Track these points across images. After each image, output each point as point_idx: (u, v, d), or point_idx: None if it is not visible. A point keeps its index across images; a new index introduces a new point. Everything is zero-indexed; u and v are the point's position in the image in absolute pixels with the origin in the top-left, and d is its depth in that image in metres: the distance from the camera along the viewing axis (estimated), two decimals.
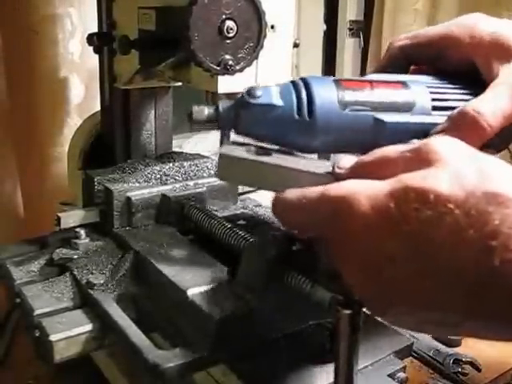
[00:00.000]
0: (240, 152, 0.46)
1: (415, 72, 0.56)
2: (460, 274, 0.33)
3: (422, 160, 0.35)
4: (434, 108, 0.51)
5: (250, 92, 0.47)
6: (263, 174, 0.44)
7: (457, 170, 0.34)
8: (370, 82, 0.50)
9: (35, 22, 0.96)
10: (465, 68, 0.53)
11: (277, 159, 0.45)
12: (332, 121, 0.47)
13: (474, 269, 0.33)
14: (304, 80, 0.48)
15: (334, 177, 0.40)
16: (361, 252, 0.36)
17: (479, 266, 0.32)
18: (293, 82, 0.48)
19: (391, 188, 0.35)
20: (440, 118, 0.50)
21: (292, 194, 0.40)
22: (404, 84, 0.51)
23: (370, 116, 0.48)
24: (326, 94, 0.47)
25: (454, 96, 0.51)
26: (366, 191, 0.35)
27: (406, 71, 0.56)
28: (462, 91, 0.52)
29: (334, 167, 0.41)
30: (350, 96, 0.48)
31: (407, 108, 0.50)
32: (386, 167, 0.37)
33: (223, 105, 0.48)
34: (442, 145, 0.36)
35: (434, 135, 0.49)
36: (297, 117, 0.47)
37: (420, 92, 0.51)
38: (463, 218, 0.33)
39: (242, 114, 0.47)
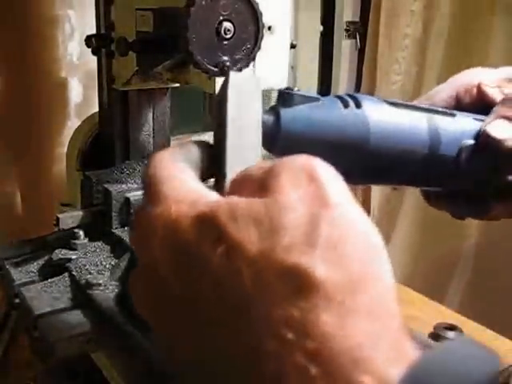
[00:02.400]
0: None
1: None
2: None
3: (262, 185, 0.27)
4: None
5: None
6: None
7: (276, 219, 0.25)
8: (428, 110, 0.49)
9: (34, 24, 0.96)
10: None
11: None
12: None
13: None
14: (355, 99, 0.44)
15: None
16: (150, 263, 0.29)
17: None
18: (340, 98, 0.44)
19: (207, 208, 0.26)
20: None
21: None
22: (452, 115, 0.50)
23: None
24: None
25: None
26: (197, 201, 0.27)
27: None
28: None
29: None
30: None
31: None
32: (243, 186, 0.28)
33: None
34: (288, 174, 0.26)
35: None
36: None
37: (467, 124, 0.50)
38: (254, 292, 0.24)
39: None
